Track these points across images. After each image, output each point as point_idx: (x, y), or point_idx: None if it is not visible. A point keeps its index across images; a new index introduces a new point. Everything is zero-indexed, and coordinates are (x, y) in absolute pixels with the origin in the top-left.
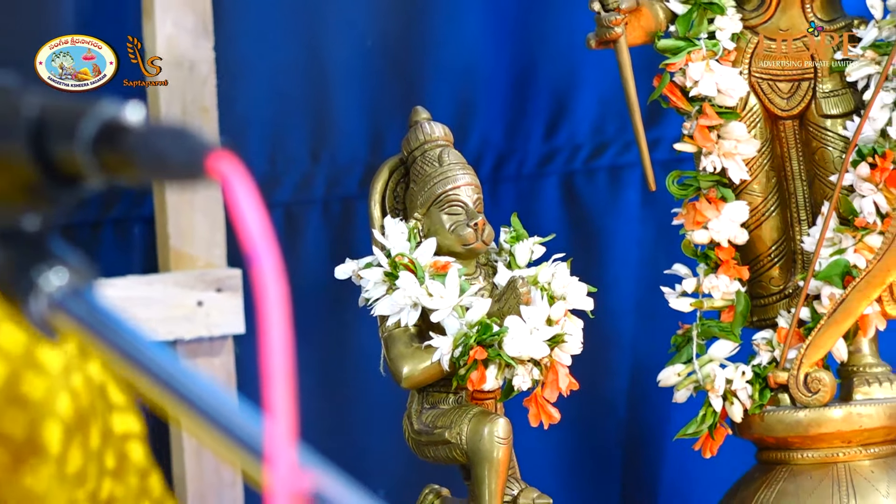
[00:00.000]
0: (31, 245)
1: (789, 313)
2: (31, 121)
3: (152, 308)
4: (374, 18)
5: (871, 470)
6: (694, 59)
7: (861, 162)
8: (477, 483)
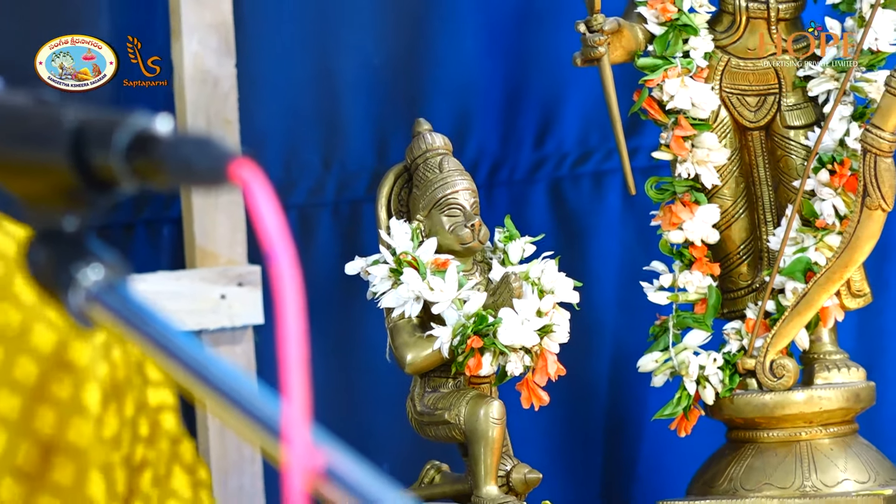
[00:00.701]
0: (70, 244)
1: (756, 306)
2: (70, 132)
3: (180, 301)
4: (380, 40)
5: (830, 447)
6: (670, 75)
7: (821, 169)
8: (474, 460)
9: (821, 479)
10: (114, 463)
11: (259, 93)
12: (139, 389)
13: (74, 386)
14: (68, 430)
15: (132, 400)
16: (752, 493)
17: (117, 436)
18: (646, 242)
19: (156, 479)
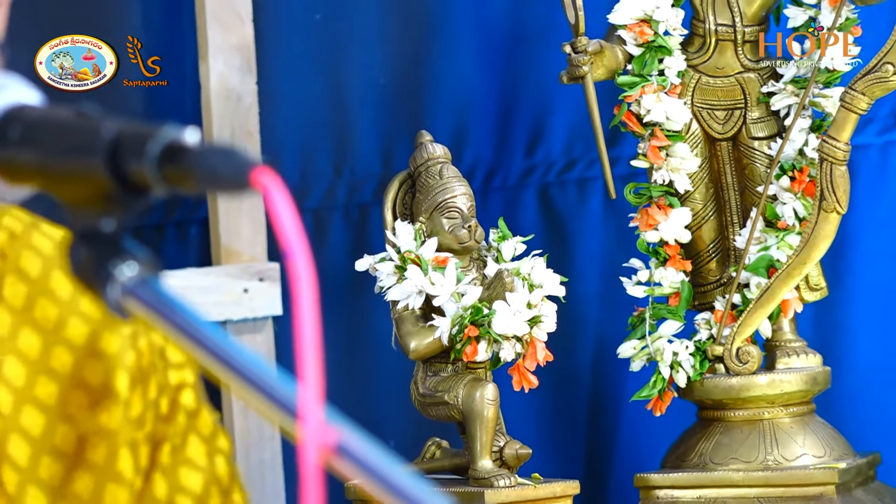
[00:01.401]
0: (107, 243)
1: (724, 298)
2: (108, 142)
3: (206, 295)
4: (386, 60)
5: (790, 426)
6: (647, 92)
7: (783, 175)
8: (470, 437)
9: (781, 454)
10: (138, 440)
11: (277, 107)
12: (161, 372)
13: (105, 373)
14: (100, 413)
15: (155, 382)
16: (720, 467)
17: (141, 416)
18: (625, 242)
19: (173, 450)
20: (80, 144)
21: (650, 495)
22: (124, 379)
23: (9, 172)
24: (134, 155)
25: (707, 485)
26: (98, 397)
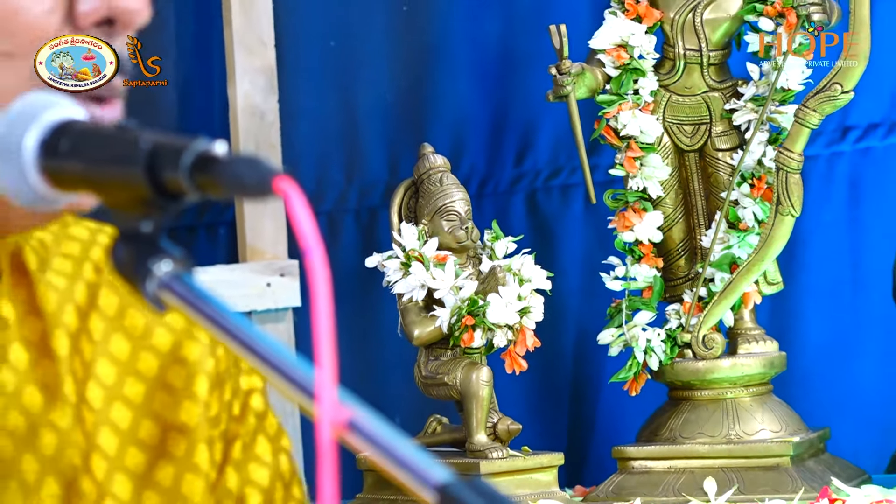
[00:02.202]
0: (146, 242)
1: (692, 292)
2: (146, 153)
3: (234, 288)
4: (392, 79)
5: (750, 404)
6: (623, 108)
7: (743, 183)
8: (467, 414)
9: (742, 429)
10: (214, 437)
11: (296, 123)
12: (234, 377)
13: (187, 377)
14: (181, 411)
15: (230, 386)
16: (688, 441)
17: (217, 415)
18: (604, 241)
19: (244, 447)
20: (122, 155)
21: (626, 466)
22: (204, 383)
23: (59, 180)
24: (169, 164)
25: (677, 456)
26: (180, 398)
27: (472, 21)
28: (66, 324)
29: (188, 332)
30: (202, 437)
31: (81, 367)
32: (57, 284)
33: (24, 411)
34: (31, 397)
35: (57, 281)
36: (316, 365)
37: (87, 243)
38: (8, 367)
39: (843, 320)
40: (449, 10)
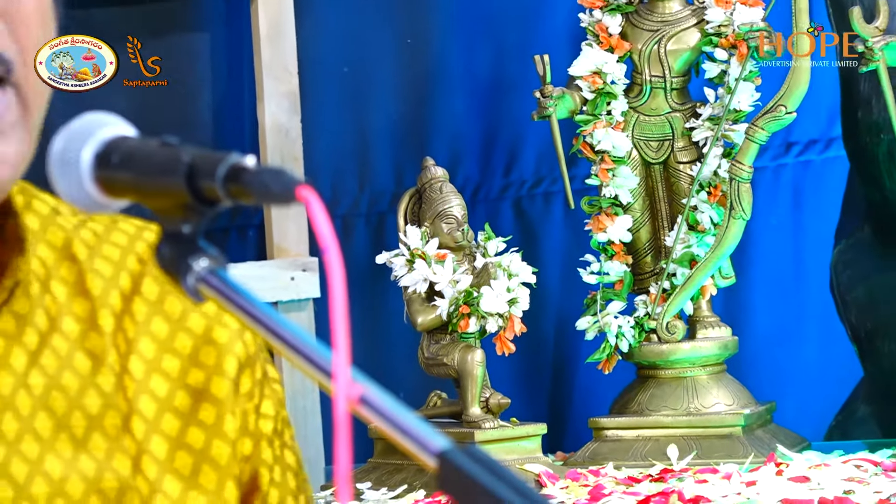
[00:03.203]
0: (186, 242)
1: (657, 285)
2: (187, 165)
3: (262, 282)
4: (398, 102)
5: (707, 381)
6: (598, 127)
7: (702, 190)
8: (463, 390)
9: (700, 403)
10: (247, 410)
11: (316, 139)
12: (263, 362)
13: (217, 356)
14: (211, 385)
15: (260, 367)
16: (654, 413)
17: (251, 390)
18: (581, 241)
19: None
20: (165, 167)
21: (600, 434)
22: (232, 362)
23: (110, 189)
24: (206, 175)
25: (644, 426)
26: (210, 374)
27: (466, 52)
28: (111, 305)
29: (219, 318)
30: (230, 409)
31: (124, 342)
32: (103, 272)
33: (76, 373)
34: (81, 362)
35: (103, 269)
36: (333, 348)
37: (132, 237)
38: (60, 334)
39: (787, 309)
40: (446, 42)
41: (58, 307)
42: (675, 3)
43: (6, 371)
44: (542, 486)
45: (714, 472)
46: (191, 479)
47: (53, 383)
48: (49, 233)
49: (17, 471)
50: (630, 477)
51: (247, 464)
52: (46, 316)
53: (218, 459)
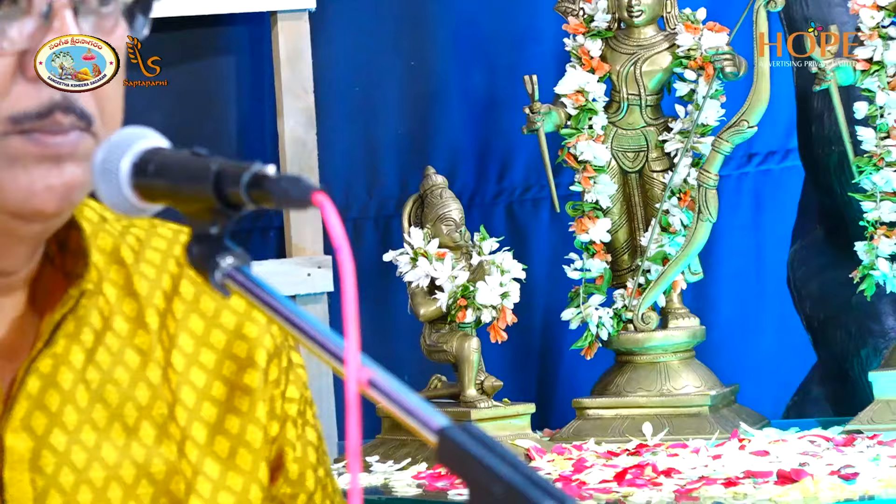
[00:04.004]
0: (214, 242)
1: (633, 280)
2: (214, 173)
3: (282, 277)
4: (403, 117)
5: (677, 366)
6: (581, 139)
7: (673, 196)
8: (460, 374)
9: (672, 385)
10: (275, 395)
11: (330, 151)
12: (288, 351)
13: (249, 350)
14: (244, 376)
15: (286, 356)
16: (631, 394)
17: (278, 378)
18: (565, 241)
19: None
20: (195, 175)
21: (583, 413)
22: (262, 354)
23: (147, 194)
24: (232, 182)
25: (622, 406)
26: (243, 365)
27: (463, 73)
28: (156, 304)
29: (248, 315)
30: (261, 397)
31: (167, 338)
32: (148, 274)
33: (126, 367)
34: (131, 357)
35: (148, 271)
36: (344, 336)
37: (171, 242)
38: (112, 332)
39: (749, 301)
40: (445, 65)
41: (110, 308)
42: (650, 30)
43: (67, 367)
44: (531, 460)
45: (684, 447)
46: (228, 461)
47: (107, 378)
48: (99, 238)
49: (77, 458)
50: (609, 451)
51: (274, 444)
52: (100, 316)
53: (252, 443)
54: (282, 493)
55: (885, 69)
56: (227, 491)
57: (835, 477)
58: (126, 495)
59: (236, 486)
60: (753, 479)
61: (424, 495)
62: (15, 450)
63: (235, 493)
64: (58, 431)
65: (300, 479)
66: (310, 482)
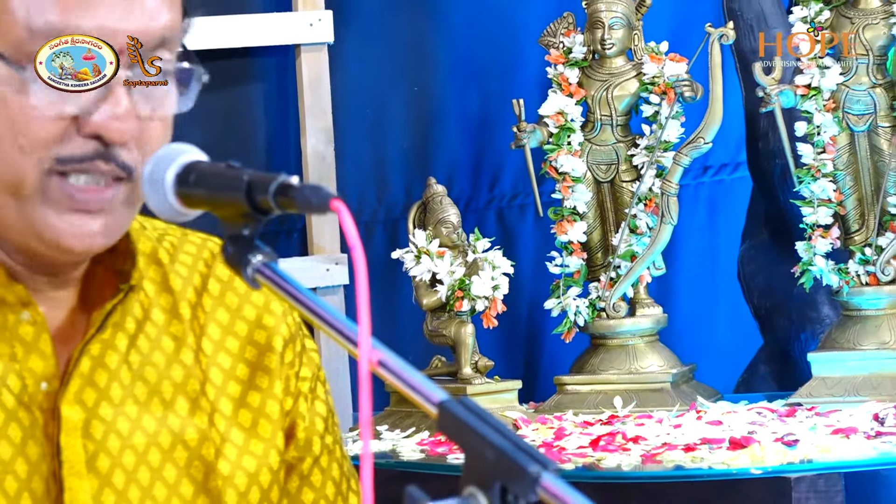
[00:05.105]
0: (246, 242)
1: (606, 274)
2: (246, 183)
3: (304, 272)
4: (407, 135)
5: (644, 348)
6: (561, 154)
7: (640, 203)
8: (458, 355)
9: (639, 365)
10: (289, 375)
11: (346, 164)
12: (302, 338)
13: (268, 337)
14: (264, 359)
15: (299, 342)
16: (604, 372)
17: (293, 360)
18: (548, 241)
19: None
20: (230, 185)
21: (563, 389)
22: (279, 340)
23: (188, 201)
24: (261, 191)
25: (596, 383)
26: (263, 350)
27: (460, 97)
28: (188, 298)
29: (267, 307)
30: (278, 376)
31: (198, 327)
32: (181, 273)
33: (163, 352)
34: (167, 343)
35: (181, 271)
36: (358, 322)
37: (199, 247)
38: (150, 322)
39: (705, 293)
40: (445, 90)
41: (149, 301)
42: (620, 60)
43: (113, 350)
44: (518, 428)
45: (649, 418)
46: (251, 431)
47: (147, 360)
48: (140, 243)
49: (122, 427)
50: (585, 421)
51: (288, 416)
52: (141, 308)
53: (271, 415)
54: (290, 456)
55: (822, 94)
56: (250, 455)
57: (778, 443)
58: (164, 459)
59: (258, 451)
60: (709, 445)
61: (427, 459)
62: (69, 419)
63: (257, 456)
64: (105, 404)
65: (307, 445)
66: (316, 447)
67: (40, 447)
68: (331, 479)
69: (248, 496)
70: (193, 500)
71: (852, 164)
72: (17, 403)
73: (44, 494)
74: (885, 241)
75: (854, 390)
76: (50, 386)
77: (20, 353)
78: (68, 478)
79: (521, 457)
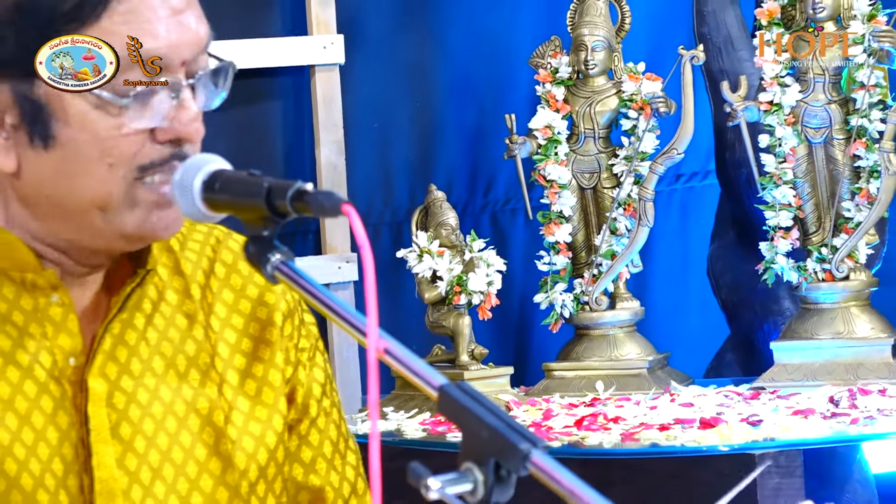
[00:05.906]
0: (265, 242)
1: (589, 272)
2: (266, 189)
3: (318, 269)
4: (411, 146)
5: (623, 337)
6: (549, 163)
7: (619, 207)
8: (456, 344)
9: (619, 353)
10: (289, 347)
11: (355, 172)
12: (301, 314)
13: (269, 313)
14: (266, 333)
15: (298, 317)
16: (587, 360)
17: (292, 332)
18: (537, 242)
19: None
20: (252, 191)
21: (551, 374)
22: (279, 315)
23: (214, 206)
24: (280, 196)
25: (580, 369)
26: (265, 325)
27: (458, 111)
28: (198, 280)
29: (268, 287)
30: (279, 348)
31: (207, 306)
32: (191, 258)
33: (177, 328)
34: (180, 321)
35: (191, 256)
36: (366, 314)
37: (206, 235)
38: (165, 302)
39: (678, 288)
40: (444, 104)
41: (163, 283)
42: (601, 79)
43: (132, 329)
44: (510, 410)
45: (628, 400)
46: (256, 398)
47: (163, 336)
48: None
49: (142, 397)
50: (570, 403)
51: (288, 384)
52: (156, 290)
53: (273, 383)
54: (290, 419)
55: (783, 109)
56: (256, 420)
57: (744, 423)
58: (179, 425)
59: (263, 417)
60: (682, 425)
61: (428, 437)
62: (95, 391)
63: (262, 421)
64: (126, 377)
65: (304, 408)
66: (312, 410)
67: (69, 416)
68: (328, 439)
69: (256, 457)
70: (207, 462)
71: (810, 173)
72: (48, 377)
73: (73, 459)
74: (840, 242)
75: (812, 375)
76: (77, 361)
77: (50, 331)
78: (95, 444)
79: (513, 435)
